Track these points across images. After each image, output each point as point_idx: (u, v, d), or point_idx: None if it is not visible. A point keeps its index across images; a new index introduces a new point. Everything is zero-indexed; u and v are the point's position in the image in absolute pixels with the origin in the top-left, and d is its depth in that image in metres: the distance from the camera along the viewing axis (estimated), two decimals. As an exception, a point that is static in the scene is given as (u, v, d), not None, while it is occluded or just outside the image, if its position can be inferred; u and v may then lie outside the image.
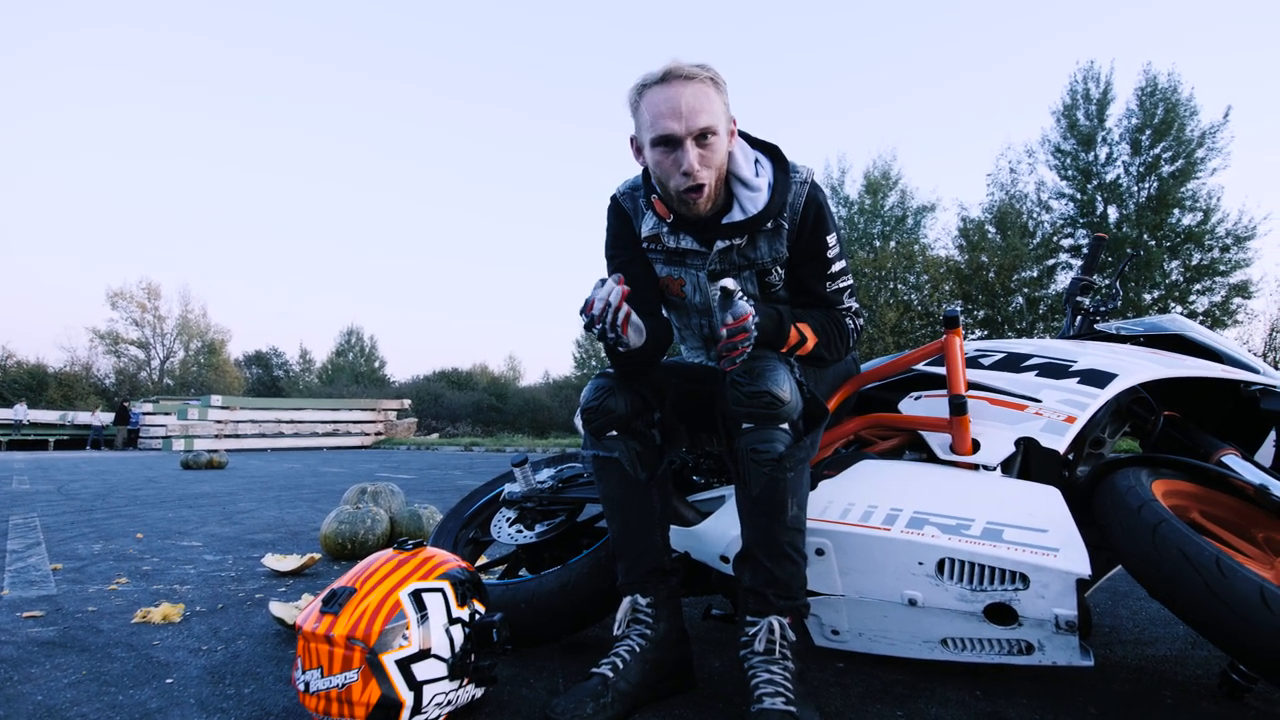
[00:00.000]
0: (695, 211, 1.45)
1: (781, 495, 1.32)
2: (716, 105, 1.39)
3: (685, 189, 1.40)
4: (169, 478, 8.10)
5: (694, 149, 1.37)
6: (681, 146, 1.37)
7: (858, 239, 21.51)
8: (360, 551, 2.91)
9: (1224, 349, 1.69)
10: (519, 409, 30.38)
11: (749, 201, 1.46)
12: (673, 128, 1.36)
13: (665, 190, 1.47)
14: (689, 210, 1.46)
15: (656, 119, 1.38)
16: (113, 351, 36.86)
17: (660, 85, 1.38)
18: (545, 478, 1.94)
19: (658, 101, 1.38)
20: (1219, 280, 16.79)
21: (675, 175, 1.40)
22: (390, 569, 1.29)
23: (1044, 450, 1.48)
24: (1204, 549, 1.18)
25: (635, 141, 1.49)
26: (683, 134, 1.36)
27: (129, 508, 4.96)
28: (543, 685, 1.49)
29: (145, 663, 1.65)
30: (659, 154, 1.40)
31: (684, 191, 1.41)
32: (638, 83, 1.42)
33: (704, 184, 1.40)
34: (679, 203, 1.45)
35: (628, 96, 1.45)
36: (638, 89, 1.42)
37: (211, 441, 17.53)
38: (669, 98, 1.37)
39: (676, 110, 1.36)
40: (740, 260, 1.52)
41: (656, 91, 1.38)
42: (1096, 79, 17.80)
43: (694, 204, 1.43)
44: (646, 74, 1.41)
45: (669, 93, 1.37)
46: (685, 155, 1.37)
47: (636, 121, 1.45)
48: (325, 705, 1.17)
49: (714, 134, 1.38)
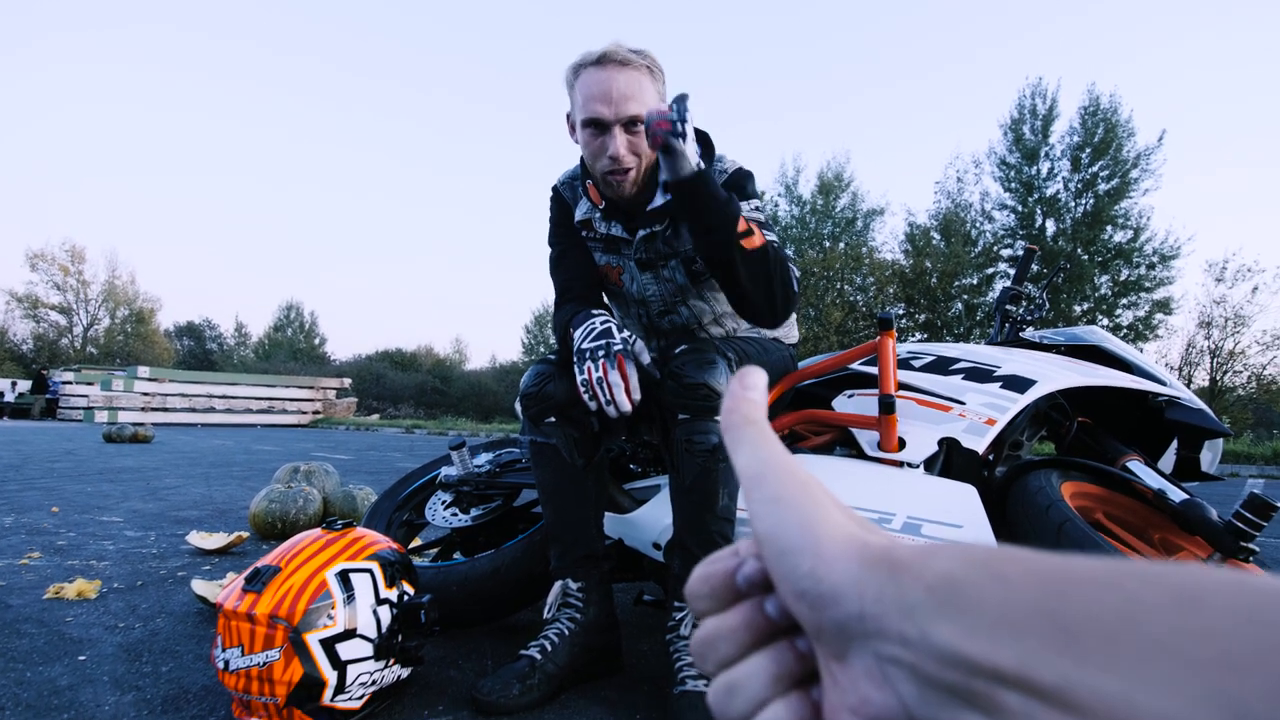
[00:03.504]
0: (620, 194, 1.47)
1: (713, 485, 1.35)
2: (649, 93, 1.40)
3: (609, 171, 1.42)
4: (89, 450, 7.74)
5: (622, 135, 1.39)
6: (609, 132, 1.39)
7: (809, 238, 21.86)
8: (290, 531, 2.85)
9: (1136, 361, 1.79)
10: (463, 392, 30.02)
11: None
12: (602, 112, 1.37)
13: (593, 173, 1.48)
14: (613, 192, 1.47)
15: (588, 101, 1.38)
16: (31, 316, 34.85)
17: (595, 67, 1.39)
18: (483, 462, 1.93)
19: (590, 84, 1.38)
20: (1144, 296, 17.70)
21: (602, 158, 1.42)
22: (317, 548, 1.27)
23: (965, 450, 1.55)
24: (1102, 548, 1.26)
25: (570, 119, 1.49)
26: (612, 119, 1.38)
27: (44, 480, 4.73)
28: (471, 667, 1.50)
29: (56, 639, 1.59)
30: (588, 135, 1.42)
31: (607, 174, 1.43)
32: (575, 61, 1.43)
33: (629, 169, 1.42)
34: (604, 185, 1.47)
35: (564, 74, 1.45)
36: (574, 68, 1.42)
37: (137, 414, 16.79)
38: (601, 81, 1.37)
39: (608, 95, 1.37)
40: (665, 249, 1.53)
41: (591, 73, 1.39)
42: (1043, 95, 18.48)
43: (617, 186, 1.45)
44: (584, 53, 1.42)
45: (602, 76, 1.38)
46: (612, 141, 1.39)
47: (571, 99, 1.46)
48: (245, 684, 1.16)
49: (643, 122, 1.39)
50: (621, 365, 1.29)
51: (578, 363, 1.32)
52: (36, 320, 34.98)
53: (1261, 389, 16.90)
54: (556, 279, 1.60)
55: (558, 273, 1.60)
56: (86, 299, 36.29)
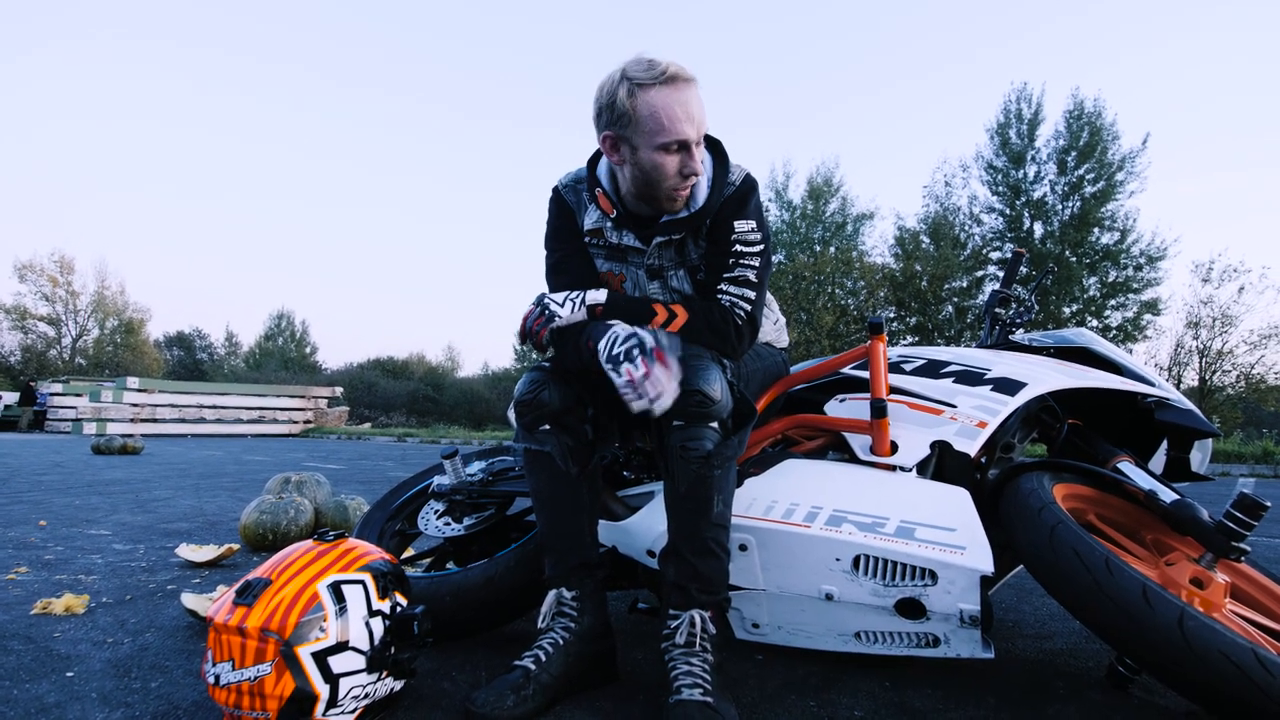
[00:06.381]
0: (673, 209, 1.48)
1: (708, 492, 1.35)
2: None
3: (679, 189, 1.44)
4: (78, 462, 7.67)
5: (699, 152, 1.42)
6: (690, 151, 1.40)
7: (799, 243, 21.97)
8: (282, 543, 2.83)
9: (1125, 363, 1.80)
10: (456, 400, 29.88)
11: (691, 199, 1.49)
12: (688, 133, 1.38)
13: (651, 190, 1.44)
14: (673, 207, 1.47)
15: (672, 122, 1.36)
16: (19, 327, 34.48)
17: (666, 87, 1.36)
18: (476, 470, 1.92)
19: (668, 104, 1.36)
20: (1132, 297, 17.87)
21: (674, 177, 1.42)
22: (309, 560, 1.26)
23: (957, 453, 1.55)
24: (1095, 549, 1.26)
25: (617, 139, 1.42)
26: (695, 139, 1.39)
27: (32, 493, 4.68)
28: (464, 678, 1.49)
29: (44, 655, 1.57)
30: (663, 156, 1.39)
31: (677, 191, 1.44)
32: (626, 78, 1.36)
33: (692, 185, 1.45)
34: (666, 200, 1.46)
35: (611, 89, 1.38)
36: (629, 88, 1.36)
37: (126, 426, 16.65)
38: (682, 101, 1.37)
39: (690, 115, 1.37)
40: (675, 258, 1.54)
41: (663, 93, 1.36)
42: (1029, 99, 18.65)
43: (679, 200, 1.46)
44: (635, 69, 1.37)
45: (680, 96, 1.37)
46: (691, 160, 1.40)
47: (621, 118, 1.38)
48: (236, 699, 1.14)
49: None
50: (661, 358, 1.28)
51: (612, 368, 1.30)
52: (25, 331, 34.63)
53: (1250, 388, 17.04)
54: (553, 285, 1.60)
55: (555, 279, 1.59)
56: (75, 310, 35.97)
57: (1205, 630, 1.12)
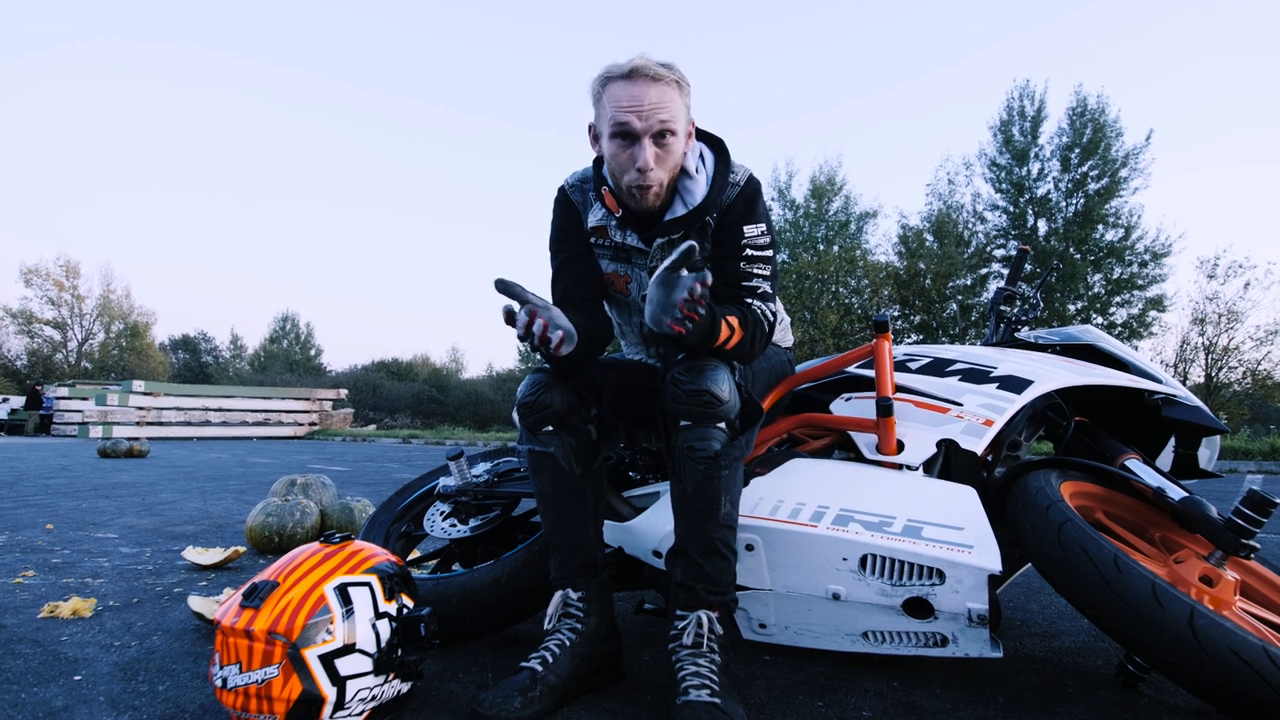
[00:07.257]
0: (643, 205, 1.47)
1: (715, 492, 1.34)
2: (678, 107, 1.41)
3: (636, 184, 1.42)
4: (84, 466, 7.70)
5: (650, 147, 1.39)
6: (639, 143, 1.39)
7: (802, 242, 21.94)
8: (288, 545, 2.83)
9: (1132, 360, 1.79)
10: (460, 401, 29.92)
11: (689, 195, 1.48)
12: (633, 122, 1.38)
13: (617, 183, 1.48)
14: (637, 204, 1.47)
15: (618, 111, 1.39)
16: (25, 331, 34.64)
17: (625, 81, 1.39)
18: (481, 472, 1.92)
19: (621, 96, 1.39)
20: (1137, 294, 17.79)
21: (630, 170, 1.42)
22: (315, 562, 1.26)
23: (963, 451, 1.55)
24: (1104, 547, 1.25)
25: (594, 129, 1.50)
26: (641, 131, 1.38)
27: (39, 497, 4.70)
28: (471, 680, 1.49)
29: (51, 659, 1.58)
30: (615, 146, 1.42)
31: (634, 186, 1.43)
32: (602, 73, 1.43)
33: (656, 182, 1.42)
34: (628, 195, 1.46)
35: (591, 85, 1.46)
36: (601, 80, 1.43)
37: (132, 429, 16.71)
38: (633, 95, 1.38)
39: (639, 107, 1.38)
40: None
41: (621, 86, 1.39)
42: (1031, 97, 18.59)
43: (641, 198, 1.45)
44: (612, 65, 1.42)
45: (634, 90, 1.38)
46: (642, 152, 1.39)
47: (597, 111, 1.46)
48: (244, 702, 1.14)
49: (672, 135, 1.40)
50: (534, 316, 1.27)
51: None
52: (31, 336, 34.81)
53: (1257, 384, 16.97)
54: (556, 287, 1.60)
55: (558, 281, 1.60)
56: (81, 314, 36.13)
57: (1215, 628, 1.12)
